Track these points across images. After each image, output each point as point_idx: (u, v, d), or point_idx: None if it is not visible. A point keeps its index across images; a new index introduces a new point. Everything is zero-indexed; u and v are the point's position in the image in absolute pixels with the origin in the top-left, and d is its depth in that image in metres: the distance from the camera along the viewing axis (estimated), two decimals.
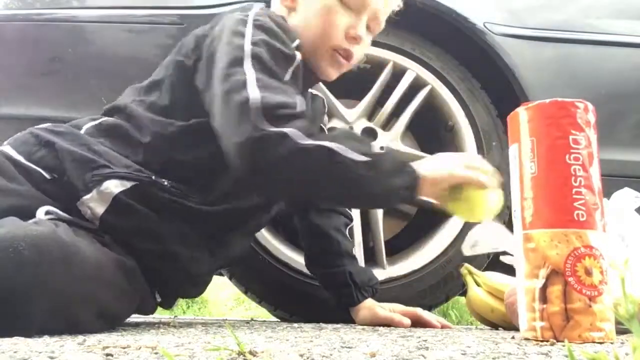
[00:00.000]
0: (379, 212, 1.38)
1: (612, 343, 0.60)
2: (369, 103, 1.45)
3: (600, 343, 0.60)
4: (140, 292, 0.89)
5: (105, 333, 0.74)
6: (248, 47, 0.88)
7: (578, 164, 0.64)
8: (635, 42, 1.51)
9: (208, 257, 1.00)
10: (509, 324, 1.06)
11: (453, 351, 0.51)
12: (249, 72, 0.85)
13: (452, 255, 1.37)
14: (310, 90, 1.19)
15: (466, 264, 1.23)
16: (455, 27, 1.44)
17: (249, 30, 0.91)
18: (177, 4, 1.42)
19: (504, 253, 0.90)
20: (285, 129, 0.80)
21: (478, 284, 1.18)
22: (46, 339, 0.61)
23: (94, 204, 0.86)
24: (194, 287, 1.06)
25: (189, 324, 1.05)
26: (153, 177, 0.91)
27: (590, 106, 0.67)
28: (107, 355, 0.46)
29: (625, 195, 0.91)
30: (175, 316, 2.11)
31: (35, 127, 0.95)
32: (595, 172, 0.65)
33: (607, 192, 0.75)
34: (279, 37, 0.92)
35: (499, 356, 0.48)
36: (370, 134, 1.45)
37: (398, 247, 1.48)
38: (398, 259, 1.40)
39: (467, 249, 0.95)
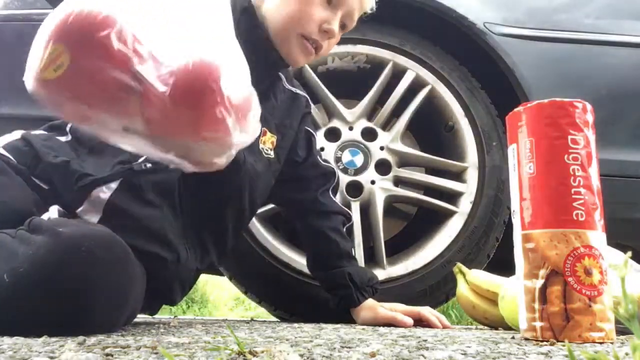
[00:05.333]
0: (379, 212, 1.38)
1: (612, 343, 0.60)
2: (369, 103, 1.45)
3: (600, 343, 0.60)
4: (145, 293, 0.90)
5: (105, 333, 0.74)
6: None
7: (577, 164, 0.64)
8: (635, 42, 1.51)
9: (199, 253, 1.00)
10: (490, 321, 1.11)
11: (453, 351, 0.51)
12: None
13: (452, 255, 1.37)
14: (291, 88, 1.19)
15: (458, 263, 1.24)
16: (455, 27, 1.44)
17: None
18: None
19: None
20: None
21: (467, 282, 1.20)
22: (46, 338, 0.61)
23: (89, 215, 0.85)
24: (174, 294, 1.02)
25: (189, 324, 1.05)
26: (133, 166, 0.88)
27: (589, 106, 0.67)
28: (107, 355, 0.46)
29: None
30: (175, 316, 2.11)
31: (27, 132, 0.93)
32: (594, 172, 0.65)
33: (606, 192, 0.75)
34: None
35: (499, 356, 0.48)
36: (370, 133, 1.45)
37: (398, 247, 1.48)
38: (398, 259, 1.40)
39: None
